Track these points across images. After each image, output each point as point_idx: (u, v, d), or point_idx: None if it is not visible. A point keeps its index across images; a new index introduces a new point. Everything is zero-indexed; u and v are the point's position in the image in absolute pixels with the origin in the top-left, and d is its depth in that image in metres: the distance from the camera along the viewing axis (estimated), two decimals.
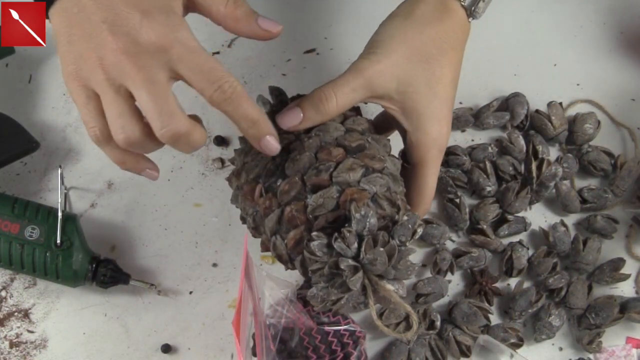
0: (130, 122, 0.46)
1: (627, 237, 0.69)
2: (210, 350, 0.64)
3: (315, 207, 0.50)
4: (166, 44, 0.45)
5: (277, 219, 0.52)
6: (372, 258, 0.48)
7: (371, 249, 0.48)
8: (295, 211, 0.50)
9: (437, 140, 0.56)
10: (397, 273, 0.50)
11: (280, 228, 0.52)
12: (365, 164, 0.52)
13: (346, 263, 0.48)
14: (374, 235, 0.49)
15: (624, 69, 0.76)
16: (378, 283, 0.49)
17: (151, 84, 0.45)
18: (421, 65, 0.54)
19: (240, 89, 0.47)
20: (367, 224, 0.48)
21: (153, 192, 0.71)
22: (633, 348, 0.64)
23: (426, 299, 0.64)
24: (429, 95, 0.55)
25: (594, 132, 0.71)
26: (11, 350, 0.64)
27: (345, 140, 0.53)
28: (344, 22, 0.79)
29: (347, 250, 0.48)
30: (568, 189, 0.68)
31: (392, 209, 0.51)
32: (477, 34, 0.77)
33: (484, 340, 0.62)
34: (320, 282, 0.50)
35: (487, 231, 0.67)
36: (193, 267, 0.67)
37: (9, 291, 0.67)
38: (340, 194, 0.50)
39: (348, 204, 0.49)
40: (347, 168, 0.51)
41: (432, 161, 0.57)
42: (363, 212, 0.48)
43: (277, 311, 0.59)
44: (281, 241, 0.52)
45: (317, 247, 0.48)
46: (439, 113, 0.55)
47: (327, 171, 0.51)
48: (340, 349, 0.59)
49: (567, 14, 0.80)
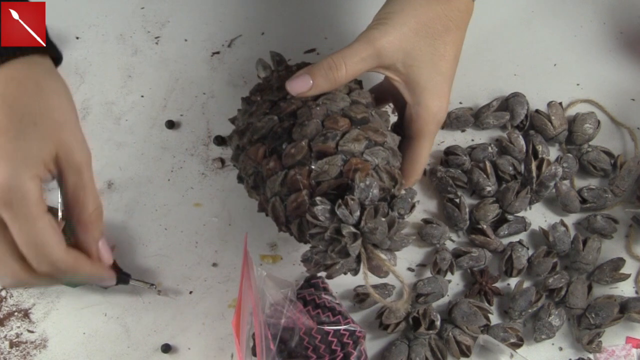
0: (5, 261, 0.45)
1: (627, 237, 0.69)
2: (210, 350, 0.64)
3: (320, 173, 0.52)
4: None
5: (280, 180, 0.53)
6: (373, 227, 0.49)
7: (372, 218, 0.49)
8: (299, 175, 0.52)
9: (436, 115, 0.58)
10: (392, 244, 0.52)
11: (282, 190, 0.53)
12: (369, 136, 0.54)
13: (348, 230, 0.49)
14: (376, 205, 0.50)
15: (624, 69, 0.76)
16: (373, 251, 0.51)
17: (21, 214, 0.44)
18: (427, 40, 0.56)
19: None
20: (370, 194, 0.50)
21: (153, 192, 0.71)
22: (633, 348, 0.64)
23: (426, 299, 0.64)
24: (432, 71, 0.57)
25: (594, 132, 0.71)
26: (11, 350, 0.64)
27: (351, 112, 0.55)
28: (344, 22, 0.79)
29: (349, 218, 0.49)
30: (568, 188, 0.68)
31: (390, 182, 0.53)
32: (477, 34, 0.77)
33: (484, 340, 0.62)
34: (319, 246, 0.51)
35: (487, 231, 0.67)
36: (193, 267, 0.67)
37: (9, 291, 0.67)
38: (344, 162, 0.52)
39: (352, 172, 0.51)
40: (353, 138, 0.53)
41: (429, 135, 0.59)
42: (368, 182, 0.50)
43: (277, 311, 0.59)
44: (280, 203, 0.53)
45: (320, 211, 0.50)
46: (440, 88, 0.57)
47: (334, 139, 0.53)
48: (340, 348, 0.59)
49: (567, 14, 0.80)
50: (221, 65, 0.77)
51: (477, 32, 0.77)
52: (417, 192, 0.70)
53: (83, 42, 0.79)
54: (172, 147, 0.73)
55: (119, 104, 0.75)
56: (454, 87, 0.74)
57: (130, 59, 0.78)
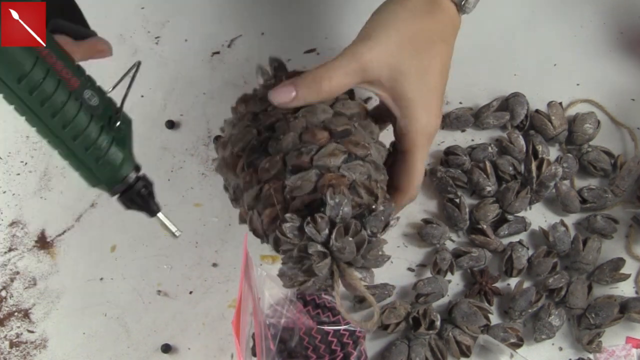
0: None
1: (627, 237, 0.69)
2: (210, 350, 0.64)
3: (293, 189, 0.50)
4: None
5: (255, 194, 0.52)
6: (341, 246, 0.48)
7: (341, 237, 0.48)
8: (274, 190, 0.51)
9: (425, 127, 0.57)
10: (366, 262, 0.50)
11: (257, 204, 0.52)
12: (349, 149, 0.52)
13: (315, 248, 0.48)
14: (346, 223, 0.49)
15: (624, 69, 0.76)
16: (345, 270, 0.50)
17: None
18: (411, 54, 0.55)
19: None
20: (340, 212, 0.48)
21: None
22: (633, 348, 0.64)
23: (426, 299, 0.64)
24: (418, 84, 0.56)
25: (594, 132, 0.71)
26: (11, 350, 0.64)
27: (331, 124, 0.53)
28: (344, 22, 0.79)
29: (317, 236, 0.48)
30: (568, 189, 0.68)
31: (369, 198, 0.51)
32: (477, 34, 0.77)
33: (484, 340, 0.62)
34: (289, 263, 0.50)
35: (487, 231, 0.67)
36: (193, 267, 0.67)
37: (9, 291, 0.67)
38: (319, 177, 0.50)
39: (325, 188, 0.49)
40: (329, 153, 0.51)
41: (421, 148, 0.57)
42: (337, 200, 0.48)
43: (277, 311, 0.59)
44: (257, 216, 0.52)
45: (288, 229, 0.49)
46: (427, 101, 0.57)
47: (309, 154, 0.51)
48: (340, 349, 0.59)
49: (567, 14, 0.80)
50: (221, 65, 0.77)
51: (477, 32, 0.77)
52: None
53: None
54: (172, 147, 0.73)
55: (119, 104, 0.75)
56: (454, 87, 0.75)
57: (131, 59, 0.78)
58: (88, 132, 0.48)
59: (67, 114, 0.47)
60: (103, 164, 0.50)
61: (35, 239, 0.70)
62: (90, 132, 0.48)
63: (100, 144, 0.49)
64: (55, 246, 0.69)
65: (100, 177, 0.50)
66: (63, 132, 0.48)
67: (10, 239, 0.69)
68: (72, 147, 0.49)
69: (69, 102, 0.47)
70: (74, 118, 0.48)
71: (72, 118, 0.47)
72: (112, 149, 0.50)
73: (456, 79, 0.75)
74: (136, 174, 0.52)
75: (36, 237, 0.70)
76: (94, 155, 0.49)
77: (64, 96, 0.47)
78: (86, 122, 0.48)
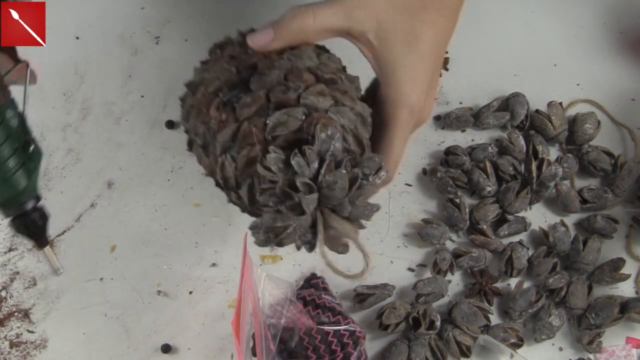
0: None
1: (627, 237, 0.69)
2: (210, 350, 0.64)
3: (277, 125, 0.45)
4: None
5: (232, 133, 0.46)
6: (332, 180, 0.43)
7: (332, 171, 0.43)
8: (254, 127, 0.45)
9: (408, 98, 0.52)
10: (354, 210, 0.45)
11: (233, 145, 0.47)
12: (336, 97, 0.48)
13: (302, 180, 0.43)
14: (337, 158, 0.44)
15: (624, 69, 0.76)
16: (330, 215, 0.45)
17: None
18: (403, 15, 0.52)
19: None
20: (331, 147, 0.44)
21: (153, 192, 0.71)
22: (633, 348, 0.64)
23: (426, 299, 0.64)
24: (405, 48, 0.52)
25: (594, 132, 0.71)
26: (11, 350, 0.64)
27: (318, 70, 0.49)
28: None
29: (305, 169, 0.43)
30: (568, 189, 0.68)
31: (357, 148, 0.47)
32: (477, 34, 0.77)
33: (484, 340, 0.62)
34: (269, 203, 0.45)
35: (487, 231, 0.67)
36: (193, 267, 0.67)
37: (9, 291, 0.67)
38: (306, 116, 0.46)
39: (313, 127, 0.45)
40: (318, 92, 0.47)
41: (401, 123, 0.53)
42: (330, 132, 0.44)
43: (277, 311, 0.59)
44: (231, 161, 0.46)
45: (273, 160, 0.44)
46: (413, 70, 0.53)
47: (296, 91, 0.47)
48: (340, 349, 0.59)
49: (567, 14, 0.80)
50: None
51: (477, 32, 0.77)
52: (417, 192, 0.71)
53: (83, 42, 0.79)
54: (172, 147, 0.73)
55: (119, 104, 0.75)
56: (454, 87, 0.75)
57: (130, 59, 0.78)
58: (1, 150, 0.50)
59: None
60: (6, 184, 0.51)
61: None
62: (2, 150, 0.50)
63: (8, 164, 0.50)
64: (55, 246, 0.69)
65: (4, 194, 0.52)
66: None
67: (10, 239, 0.69)
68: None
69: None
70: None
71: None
72: (18, 172, 0.51)
73: (456, 79, 0.75)
74: (35, 203, 0.53)
75: None
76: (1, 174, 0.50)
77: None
78: (2, 139, 0.50)
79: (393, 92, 0.52)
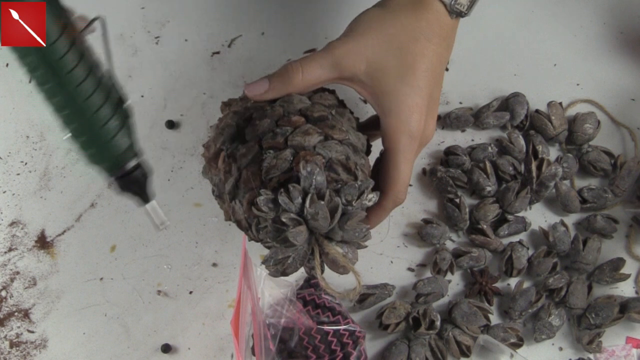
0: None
1: (627, 237, 0.69)
2: (210, 350, 0.64)
3: (269, 169, 0.50)
4: None
5: (234, 182, 0.52)
6: (314, 212, 0.47)
7: (314, 203, 0.48)
8: (251, 173, 0.51)
9: (407, 125, 0.55)
10: (345, 234, 0.49)
11: (237, 192, 0.52)
12: (325, 132, 0.52)
13: (287, 216, 0.48)
14: (320, 191, 0.49)
15: (624, 69, 0.76)
16: (324, 243, 0.49)
17: None
18: (393, 51, 0.55)
19: None
20: (313, 182, 0.48)
21: (153, 192, 0.71)
22: (633, 348, 0.64)
23: (426, 299, 0.64)
24: (399, 81, 0.55)
25: (594, 132, 0.71)
26: (11, 350, 0.64)
27: (307, 111, 0.54)
28: (344, 22, 0.79)
29: (290, 205, 0.48)
30: (568, 188, 0.68)
31: (347, 176, 0.51)
32: (477, 34, 0.77)
33: (484, 340, 0.62)
34: (267, 239, 0.50)
35: (487, 231, 0.67)
36: (193, 267, 0.68)
37: (9, 291, 0.67)
38: (294, 156, 0.51)
39: (298, 164, 0.50)
40: (303, 132, 0.51)
41: (403, 148, 0.55)
42: (309, 169, 0.48)
43: (276, 311, 0.59)
44: (239, 206, 0.52)
45: (262, 202, 0.48)
46: (409, 100, 0.55)
47: (284, 135, 0.52)
48: (340, 348, 0.59)
49: (567, 14, 0.80)
50: (221, 65, 0.77)
51: (477, 32, 0.77)
52: (417, 192, 0.71)
53: None
54: (172, 147, 0.73)
55: None
56: (454, 87, 0.75)
57: (130, 59, 0.78)
58: (103, 110, 0.49)
59: (88, 86, 0.48)
60: (110, 145, 0.49)
61: (35, 239, 0.70)
62: (103, 111, 0.49)
63: (110, 125, 0.49)
64: (55, 246, 0.69)
65: (105, 158, 0.50)
66: (84, 103, 0.48)
67: (10, 239, 0.69)
68: (89, 122, 0.48)
69: (89, 76, 0.48)
70: (94, 92, 0.48)
71: (92, 92, 0.48)
72: (121, 132, 0.50)
73: (456, 79, 0.75)
74: (137, 160, 0.52)
75: (36, 237, 0.70)
76: (106, 134, 0.49)
77: (86, 69, 0.48)
78: (102, 99, 0.48)
79: (392, 122, 0.55)
